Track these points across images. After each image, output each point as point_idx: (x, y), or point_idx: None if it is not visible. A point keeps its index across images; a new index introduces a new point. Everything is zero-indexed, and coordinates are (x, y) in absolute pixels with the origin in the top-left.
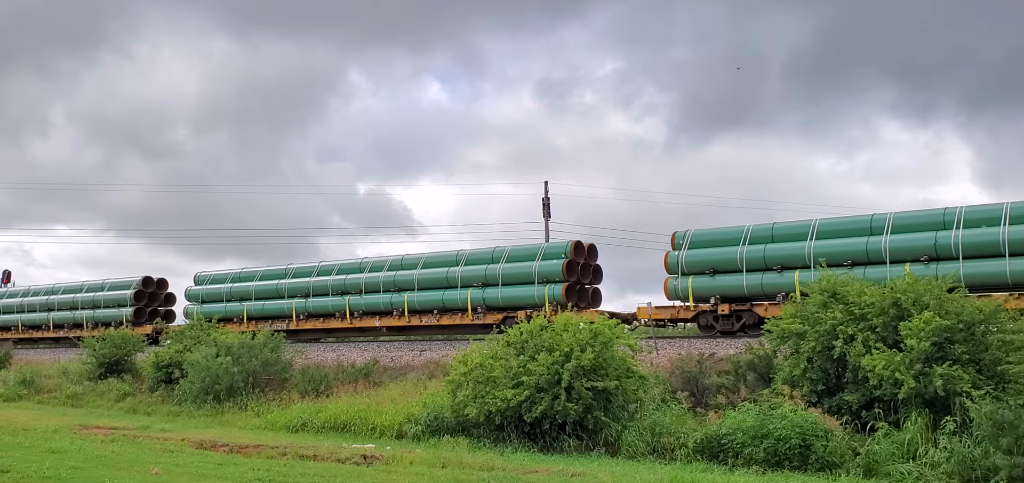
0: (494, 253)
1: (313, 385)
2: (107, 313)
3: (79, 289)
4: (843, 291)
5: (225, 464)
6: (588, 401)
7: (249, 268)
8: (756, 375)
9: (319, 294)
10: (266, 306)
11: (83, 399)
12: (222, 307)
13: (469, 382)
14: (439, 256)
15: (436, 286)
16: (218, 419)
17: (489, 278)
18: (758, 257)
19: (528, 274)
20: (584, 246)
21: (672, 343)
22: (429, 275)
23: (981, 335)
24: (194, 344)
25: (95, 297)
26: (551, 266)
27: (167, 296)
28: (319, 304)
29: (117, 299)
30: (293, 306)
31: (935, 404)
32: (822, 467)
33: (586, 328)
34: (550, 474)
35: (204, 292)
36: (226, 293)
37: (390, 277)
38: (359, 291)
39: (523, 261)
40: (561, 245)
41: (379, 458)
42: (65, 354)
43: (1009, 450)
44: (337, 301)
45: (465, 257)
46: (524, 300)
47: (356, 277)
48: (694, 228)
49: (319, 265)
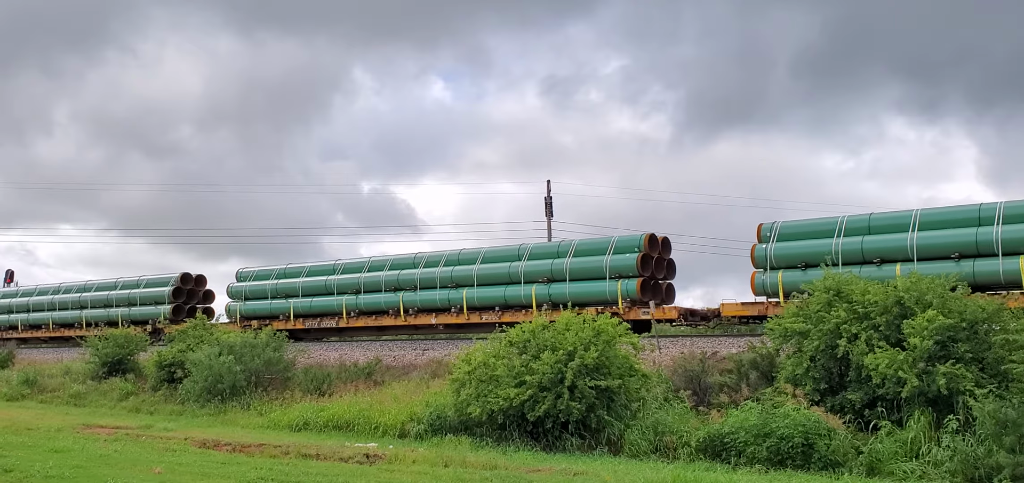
0: (559, 247)
1: (316, 384)
2: (144, 311)
3: (114, 286)
4: (847, 290)
5: (228, 463)
6: (591, 400)
7: (294, 264)
8: (759, 374)
9: (371, 290)
10: (313, 303)
11: (86, 398)
12: (267, 305)
13: (472, 381)
14: (500, 250)
15: (497, 282)
16: (221, 418)
17: (555, 273)
18: (855, 250)
19: (598, 269)
20: (658, 239)
21: (674, 342)
22: (489, 270)
23: (984, 334)
24: (197, 343)
25: (131, 294)
26: (624, 260)
27: (205, 293)
28: (371, 301)
29: (155, 296)
30: (343, 303)
31: (938, 403)
32: (825, 466)
33: (588, 327)
34: (553, 473)
35: (247, 289)
36: (271, 290)
37: (447, 272)
38: (414, 287)
39: (592, 255)
40: (634, 237)
41: (382, 457)
42: (69, 354)
43: (1012, 449)
44: (390, 298)
45: (528, 251)
46: (594, 296)
47: (410, 273)
48: (781, 220)
49: (370, 260)
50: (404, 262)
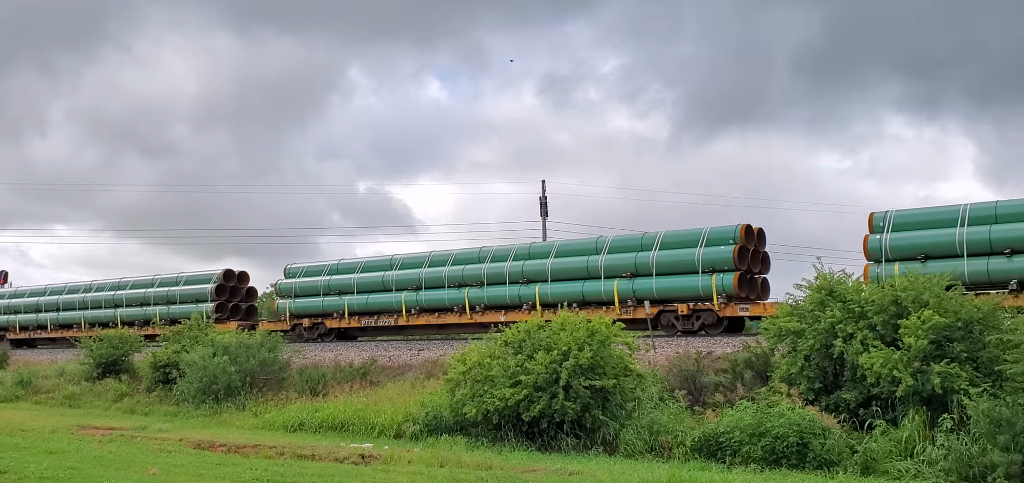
0: (644, 239)
1: (311, 385)
2: (184, 309)
3: (151, 283)
4: (841, 289)
5: (223, 464)
6: (586, 400)
7: (348, 259)
8: (754, 373)
9: (433, 286)
10: (370, 300)
11: (80, 399)
12: (318, 302)
13: (467, 381)
14: (576, 243)
15: (574, 276)
16: (216, 419)
17: (640, 267)
18: (982, 240)
19: (689, 262)
20: (754, 230)
21: (669, 342)
22: (564, 265)
23: (979, 333)
24: (191, 344)
25: (169, 292)
26: (719, 253)
27: (248, 290)
28: (433, 297)
29: (196, 294)
30: (402, 300)
31: (933, 402)
32: (820, 465)
33: (583, 327)
34: (548, 473)
35: (297, 286)
36: (323, 287)
37: (517, 267)
38: (480, 283)
39: (682, 248)
40: (728, 228)
41: (377, 457)
42: (63, 355)
43: (1006, 447)
44: (454, 294)
45: (608, 244)
46: (685, 291)
47: (476, 267)
48: (895, 209)
49: (431, 255)
50: (469, 257)
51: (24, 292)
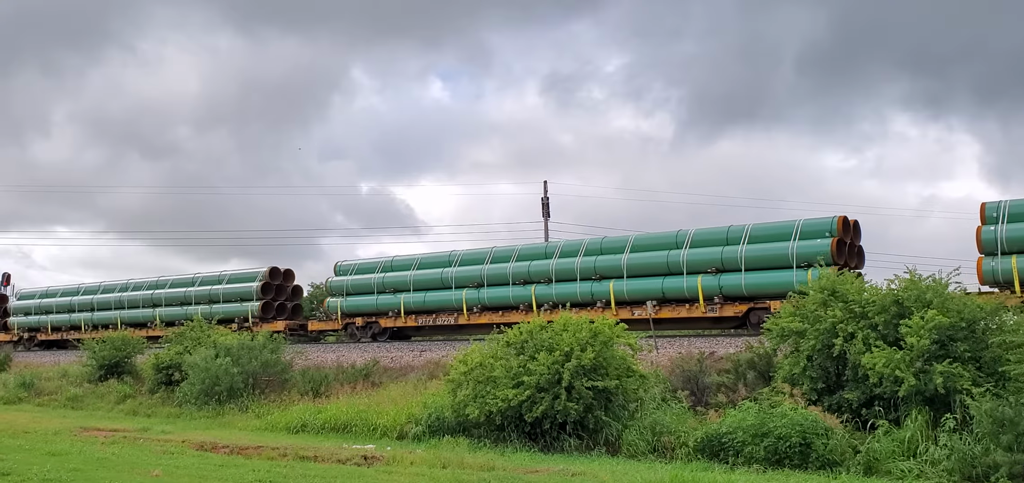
0: (730, 232)
1: (313, 386)
2: (227, 308)
3: (192, 282)
4: (843, 289)
5: (226, 466)
6: (588, 400)
7: (402, 255)
8: (756, 374)
9: (496, 283)
10: (427, 298)
11: (83, 401)
12: (372, 300)
13: (469, 382)
14: (654, 237)
15: (653, 272)
16: (218, 421)
17: (727, 262)
18: None
19: (781, 257)
20: (850, 222)
21: (672, 342)
22: (642, 260)
23: (982, 333)
24: (194, 345)
25: (212, 291)
26: (814, 247)
27: (293, 289)
28: (496, 295)
29: (240, 292)
30: (463, 297)
31: (935, 402)
32: (822, 465)
33: (586, 327)
34: (551, 474)
35: (350, 283)
36: (377, 285)
37: (588, 263)
38: (548, 279)
39: (773, 241)
40: (824, 220)
41: (380, 459)
42: (76, 356)
43: (1009, 447)
44: (520, 291)
45: (690, 238)
46: (776, 287)
47: (543, 263)
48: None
49: (494, 250)
50: (534, 252)
51: (56, 291)
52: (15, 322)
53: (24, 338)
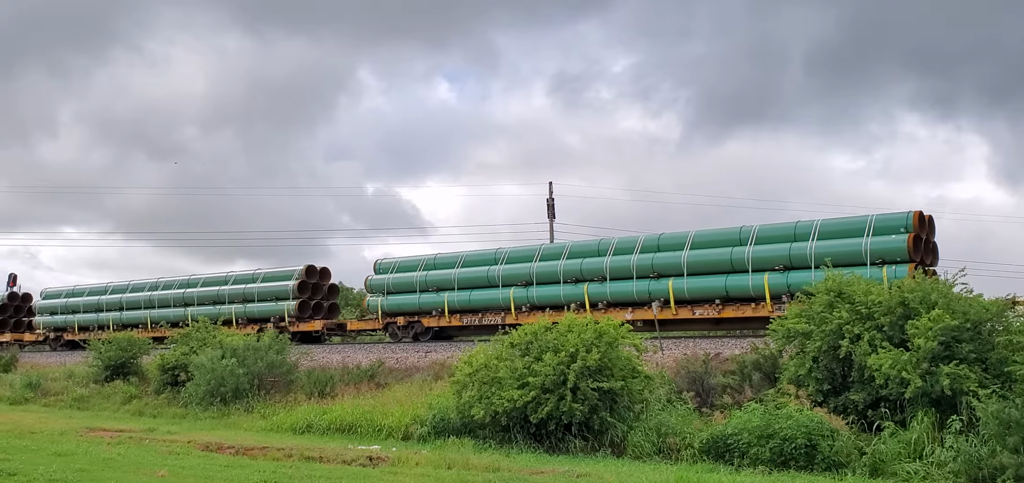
0: (797, 228)
1: (318, 387)
2: (263, 307)
3: (224, 281)
4: (849, 290)
5: (231, 466)
6: (594, 402)
7: (445, 253)
8: (761, 375)
9: (546, 282)
10: (473, 297)
11: (89, 402)
12: (414, 299)
13: (474, 383)
14: (716, 233)
15: (715, 270)
16: (224, 421)
17: (795, 259)
18: None
19: (854, 253)
20: (926, 218)
21: (677, 343)
22: (703, 257)
23: (988, 334)
24: (200, 346)
25: (246, 289)
26: (890, 243)
27: (330, 287)
28: (546, 293)
29: (276, 291)
30: (511, 296)
31: (941, 403)
32: (828, 467)
33: (591, 328)
34: (556, 475)
35: (391, 282)
36: (419, 283)
37: (645, 260)
38: (601, 278)
39: (844, 237)
40: (899, 216)
41: (385, 459)
42: (82, 357)
43: (1016, 449)
44: (571, 290)
45: (754, 234)
46: None
47: (595, 261)
48: None
49: (543, 247)
50: (586, 249)
51: (83, 291)
52: (40, 321)
53: (50, 338)
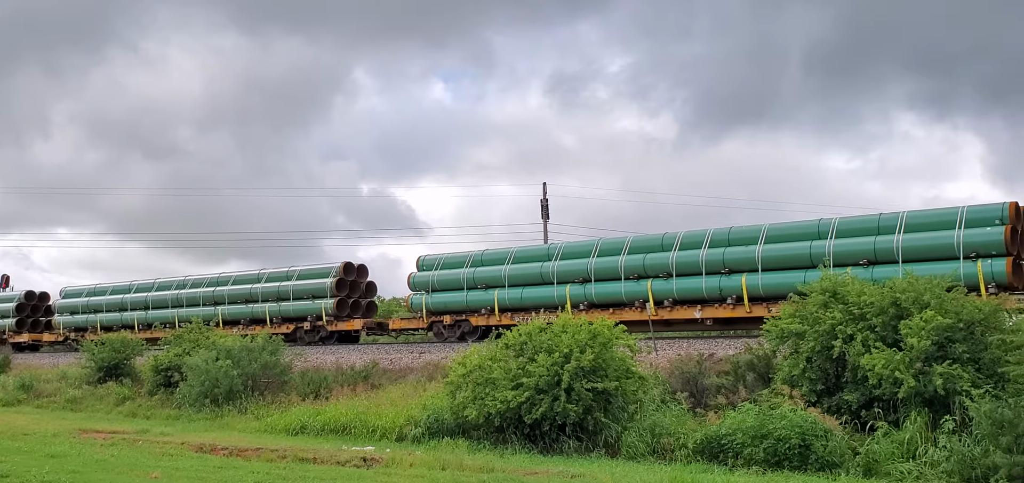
0: (881, 221)
1: (312, 388)
2: (299, 306)
3: (257, 279)
4: (843, 291)
5: (225, 467)
6: (588, 402)
7: (494, 249)
8: (755, 375)
9: (605, 278)
10: (524, 295)
11: (82, 403)
12: (461, 297)
13: (468, 384)
14: (791, 227)
15: (790, 265)
16: (217, 422)
17: (880, 253)
18: None
19: (945, 247)
20: (1021, 209)
21: (671, 344)
22: (780, 252)
23: (980, 334)
24: (193, 347)
25: (280, 288)
26: (985, 236)
27: (368, 285)
28: (605, 291)
29: (313, 289)
30: (566, 293)
31: (934, 403)
32: (822, 467)
33: (585, 328)
34: (550, 475)
35: (435, 279)
36: (466, 280)
37: (715, 254)
38: (667, 274)
39: (933, 230)
40: (994, 207)
41: (379, 460)
42: (75, 358)
43: (1009, 449)
44: (633, 287)
45: (834, 227)
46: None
47: (659, 256)
48: None
49: (600, 242)
50: (649, 244)
51: (105, 289)
52: (60, 321)
53: (70, 338)
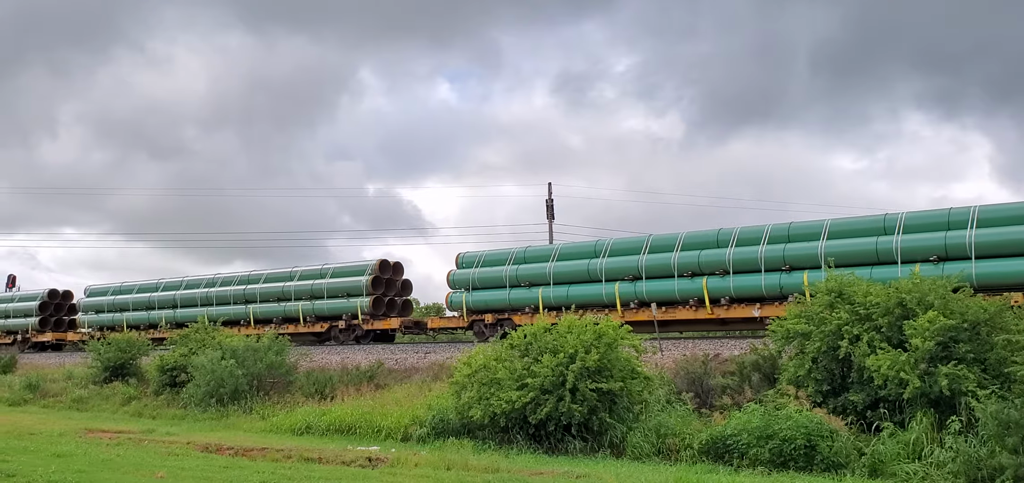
0: (951, 215)
1: (318, 388)
2: (334, 305)
3: (289, 277)
4: (849, 291)
5: (230, 467)
6: (593, 403)
7: (537, 245)
8: (761, 376)
9: (656, 276)
10: (571, 292)
11: (88, 403)
12: (503, 295)
13: (474, 384)
14: (859, 221)
15: (858, 260)
16: (223, 422)
17: (952, 249)
18: None
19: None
20: None
21: (677, 344)
22: (844, 248)
23: (986, 334)
24: (199, 347)
25: (314, 286)
26: None
27: (404, 283)
28: (658, 289)
29: (348, 287)
30: (616, 291)
31: (940, 404)
32: (827, 467)
33: (590, 329)
34: (555, 476)
35: (476, 277)
36: (509, 277)
37: (775, 251)
38: (723, 271)
39: (1008, 225)
40: None
41: (384, 460)
42: (81, 358)
43: (1015, 449)
44: (687, 285)
45: (902, 222)
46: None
47: (715, 253)
48: None
49: (652, 238)
50: (705, 240)
51: (132, 288)
52: (85, 320)
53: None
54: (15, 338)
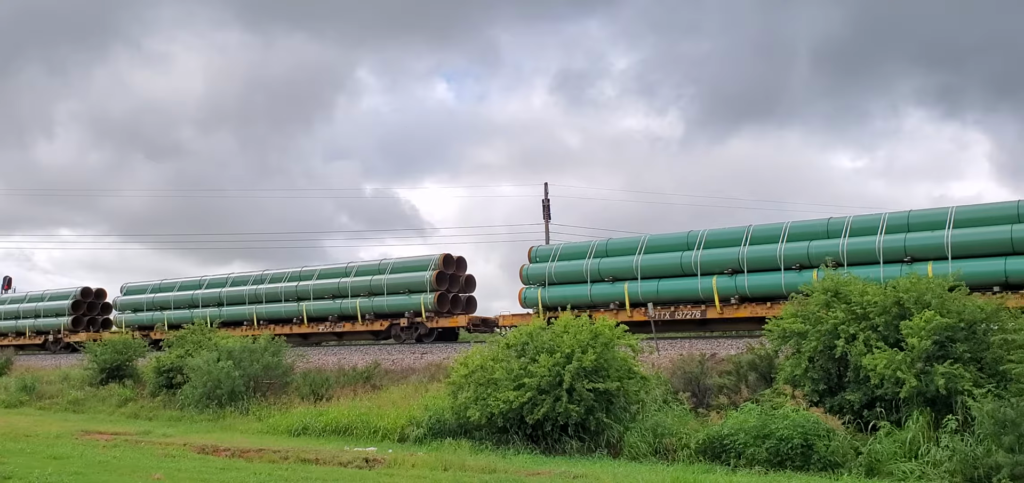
0: (1021, 207)
1: (314, 389)
2: (394, 301)
3: (345, 273)
4: (845, 290)
5: (227, 469)
6: (590, 403)
7: (619, 237)
8: (758, 375)
9: (759, 269)
10: (661, 287)
11: (85, 405)
12: (584, 291)
13: (470, 384)
14: (986, 209)
15: (991, 251)
16: (219, 424)
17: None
18: None
19: None
20: None
21: (673, 344)
22: (968, 238)
23: (982, 334)
24: (196, 348)
25: (372, 282)
26: None
27: (467, 279)
28: (761, 283)
29: (409, 283)
30: (713, 286)
31: (937, 403)
32: (824, 467)
33: (586, 329)
34: (552, 476)
35: (553, 271)
36: (591, 271)
37: (896, 241)
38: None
39: None
40: None
41: (381, 461)
42: (77, 360)
43: (1011, 448)
44: (795, 278)
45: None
46: None
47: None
48: None
49: (752, 229)
50: (813, 230)
51: (172, 285)
52: (121, 319)
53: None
54: (46, 338)
